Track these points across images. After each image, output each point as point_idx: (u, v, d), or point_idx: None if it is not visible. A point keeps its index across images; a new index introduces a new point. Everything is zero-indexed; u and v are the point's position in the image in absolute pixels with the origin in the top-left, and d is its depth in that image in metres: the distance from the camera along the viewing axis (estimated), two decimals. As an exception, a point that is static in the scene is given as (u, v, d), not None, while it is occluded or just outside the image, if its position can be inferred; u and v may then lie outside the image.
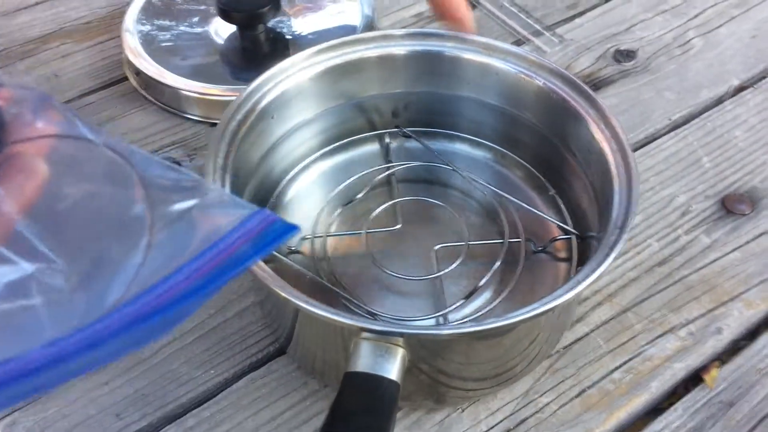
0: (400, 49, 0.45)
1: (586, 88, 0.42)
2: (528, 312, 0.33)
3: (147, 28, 0.61)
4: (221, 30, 0.61)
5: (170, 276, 0.22)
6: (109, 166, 0.26)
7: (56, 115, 0.26)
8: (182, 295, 0.22)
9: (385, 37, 0.45)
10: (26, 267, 0.22)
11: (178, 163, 0.54)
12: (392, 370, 0.32)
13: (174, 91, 0.57)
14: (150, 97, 0.58)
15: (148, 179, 0.25)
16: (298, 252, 0.45)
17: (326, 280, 0.43)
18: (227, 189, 0.38)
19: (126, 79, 0.60)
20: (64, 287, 0.22)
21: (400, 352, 0.33)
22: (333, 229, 0.46)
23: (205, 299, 0.23)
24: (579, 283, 0.34)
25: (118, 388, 0.42)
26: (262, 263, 0.34)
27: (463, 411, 0.41)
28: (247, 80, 0.43)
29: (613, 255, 0.34)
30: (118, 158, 0.26)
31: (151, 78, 0.57)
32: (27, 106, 0.25)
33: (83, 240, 0.24)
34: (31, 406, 0.41)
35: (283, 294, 0.33)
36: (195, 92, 0.56)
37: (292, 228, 0.25)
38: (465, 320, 0.41)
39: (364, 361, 0.33)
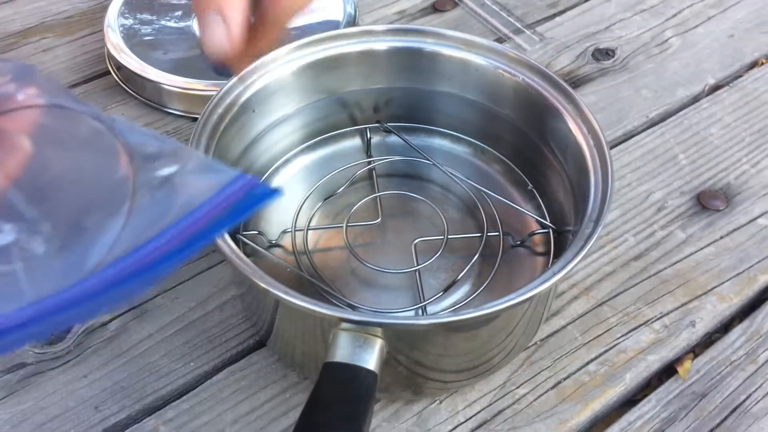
0: (381, 44, 0.45)
1: (564, 83, 0.42)
2: (504, 303, 0.33)
3: (129, 22, 0.60)
4: (203, 25, 0.61)
5: (150, 241, 0.23)
6: (93, 134, 0.26)
7: (39, 86, 0.26)
8: (161, 259, 0.23)
9: (366, 33, 0.45)
10: (8, 233, 0.22)
11: (160, 158, 0.54)
12: (370, 360, 0.33)
13: (156, 85, 0.57)
14: (132, 92, 0.58)
15: (132, 146, 0.26)
16: (278, 245, 0.45)
17: (306, 273, 0.43)
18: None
19: (108, 73, 0.60)
20: (45, 253, 0.23)
21: (378, 343, 0.33)
22: (314, 222, 0.46)
23: (184, 261, 0.23)
24: (555, 274, 0.34)
25: (97, 380, 0.42)
26: (243, 256, 0.35)
27: (440, 402, 0.41)
28: (229, 76, 0.43)
29: (587, 247, 0.35)
30: (101, 127, 0.26)
31: (132, 72, 0.57)
32: (9, 77, 0.26)
33: (67, 207, 0.24)
34: (8, 398, 0.41)
35: (263, 285, 0.33)
36: (177, 87, 0.56)
37: (274, 192, 0.26)
38: (443, 312, 0.42)
39: (342, 351, 0.33)
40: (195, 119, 0.56)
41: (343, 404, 0.32)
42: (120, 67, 0.59)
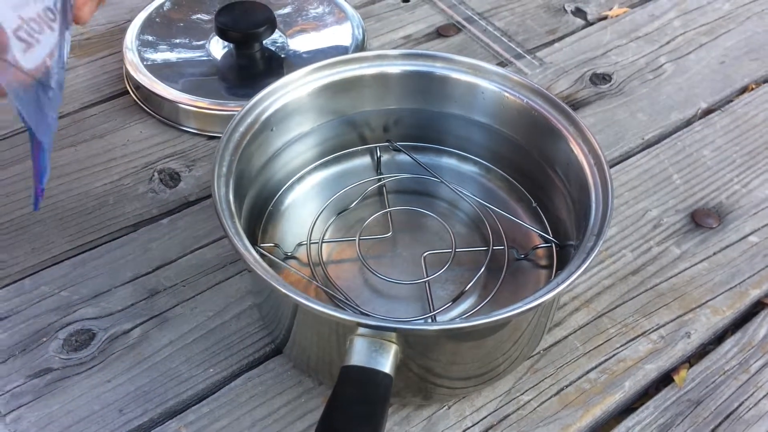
0: (393, 68, 0.48)
1: (565, 106, 0.45)
2: (512, 310, 0.35)
3: (147, 43, 0.63)
4: (218, 47, 0.63)
5: None
6: None
7: None
8: None
9: (380, 57, 0.48)
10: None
11: (178, 174, 0.56)
12: (386, 364, 0.35)
13: (173, 105, 0.59)
14: (150, 111, 0.61)
15: None
16: (294, 257, 0.47)
17: (321, 284, 0.45)
18: (231, 195, 0.40)
19: (126, 92, 0.62)
20: None
21: (393, 348, 0.35)
22: (328, 235, 0.48)
23: None
24: (559, 284, 0.36)
25: (121, 385, 0.44)
26: (265, 265, 0.37)
27: (449, 408, 0.43)
28: (243, 96, 0.45)
29: (590, 259, 0.37)
30: None
31: (150, 92, 0.60)
32: None
33: None
34: (36, 402, 0.43)
35: (284, 290, 0.35)
36: (193, 106, 0.59)
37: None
38: (454, 319, 0.44)
39: (359, 356, 0.35)
40: (210, 137, 0.59)
41: (361, 404, 0.34)
42: (138, 87, 0.61)
